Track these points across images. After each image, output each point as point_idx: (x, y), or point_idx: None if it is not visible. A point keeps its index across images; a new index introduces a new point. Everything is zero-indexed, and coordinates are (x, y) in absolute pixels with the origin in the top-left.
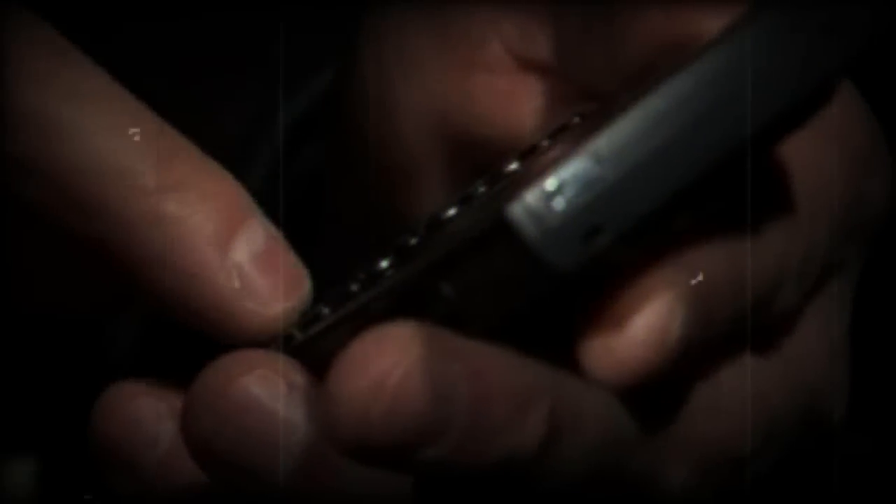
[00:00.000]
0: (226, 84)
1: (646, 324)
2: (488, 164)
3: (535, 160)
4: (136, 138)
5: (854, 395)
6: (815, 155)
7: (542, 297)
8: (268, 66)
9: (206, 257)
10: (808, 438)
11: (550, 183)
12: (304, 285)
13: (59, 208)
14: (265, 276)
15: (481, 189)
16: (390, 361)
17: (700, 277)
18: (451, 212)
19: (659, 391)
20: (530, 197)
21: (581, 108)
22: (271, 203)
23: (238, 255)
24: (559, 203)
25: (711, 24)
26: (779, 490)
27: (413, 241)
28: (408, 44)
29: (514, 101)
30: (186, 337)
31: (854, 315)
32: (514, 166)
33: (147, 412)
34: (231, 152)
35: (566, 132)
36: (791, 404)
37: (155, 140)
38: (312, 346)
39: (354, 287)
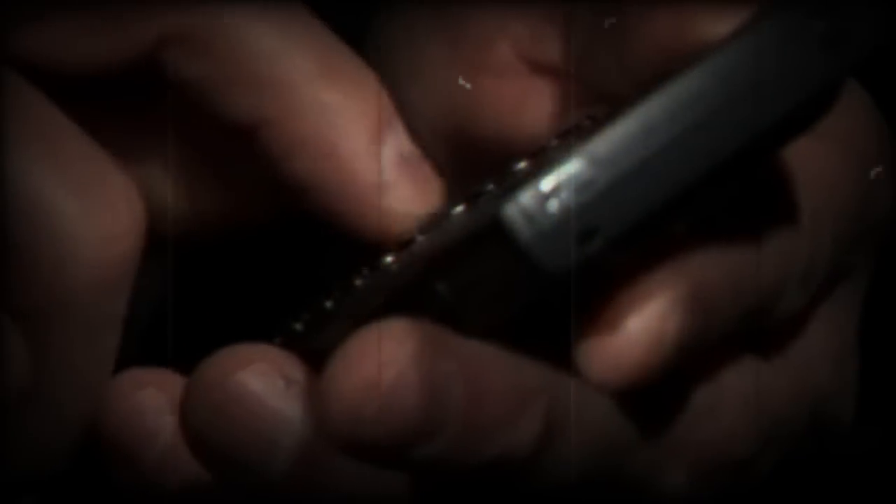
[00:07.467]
0: None
1: (641, 326)
2: (497, 167)
3: (542, 161)
4: (297, 27)
5: (864, 387)
6: (819, 159)
7: (536, 298)
8: None
9: (361, 148)
10: (812, 442)
11: (545, 184)
12: (437, 195)
13: (220, 86)
14: (408, 177)
15: (489, 187)
16: (385, 359)
17: (698, 280)
18: (458, 209)
19: (656, 393)
20: (525, 198)
21: (591, 110)
22: None
23: (387, 152)
24: (553, 205)
25: (719, 29)
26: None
27: (419, 237)
28: (416, 45)
29: (523, 103)
30: (190, 335)
31: (866, 306)
32: (521, 165)
33: (149, 404)
34: None
35: (575, 134)
36: (795, 409)
37: (312, 34)
38: (313, 339)
39: (358, 282)
